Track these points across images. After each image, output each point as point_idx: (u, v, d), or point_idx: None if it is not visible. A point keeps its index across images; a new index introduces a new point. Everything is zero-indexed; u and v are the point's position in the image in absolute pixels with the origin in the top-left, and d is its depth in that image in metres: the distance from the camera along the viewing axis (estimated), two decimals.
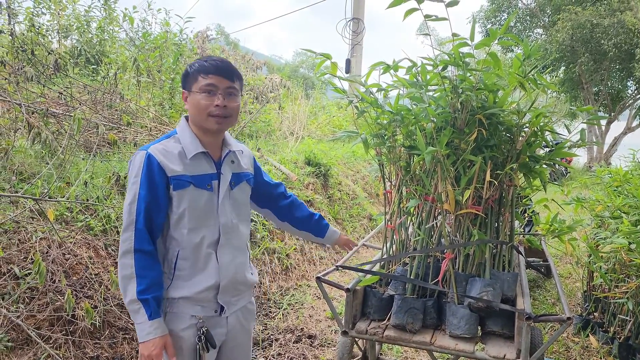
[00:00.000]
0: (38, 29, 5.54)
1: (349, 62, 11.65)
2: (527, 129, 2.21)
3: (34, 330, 2.55)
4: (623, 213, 3.35)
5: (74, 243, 3.04)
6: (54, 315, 2.69)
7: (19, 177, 3.37)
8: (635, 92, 15.86)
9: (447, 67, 2.17)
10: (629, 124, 15.92)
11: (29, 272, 2.70)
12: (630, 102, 16.04)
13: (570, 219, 2.94)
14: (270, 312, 4.02)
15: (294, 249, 4.92)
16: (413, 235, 2.38)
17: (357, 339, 2.65)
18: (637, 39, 12.99)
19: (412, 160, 2.39)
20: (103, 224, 3.30)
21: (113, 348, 2.86)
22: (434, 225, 2.30)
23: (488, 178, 2.12)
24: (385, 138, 2.38)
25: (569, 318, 1.81)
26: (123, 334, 2.93)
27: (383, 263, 2.44)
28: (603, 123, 16.02)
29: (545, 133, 2.25)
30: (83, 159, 4.02)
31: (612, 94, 16.02)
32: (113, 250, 3.23)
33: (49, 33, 6.60)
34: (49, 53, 5.12)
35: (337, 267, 2.38)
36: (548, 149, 2.34)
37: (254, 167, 1.91)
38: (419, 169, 2.34)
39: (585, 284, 4.03)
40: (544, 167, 2.29)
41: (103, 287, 2.97)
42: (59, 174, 3.39)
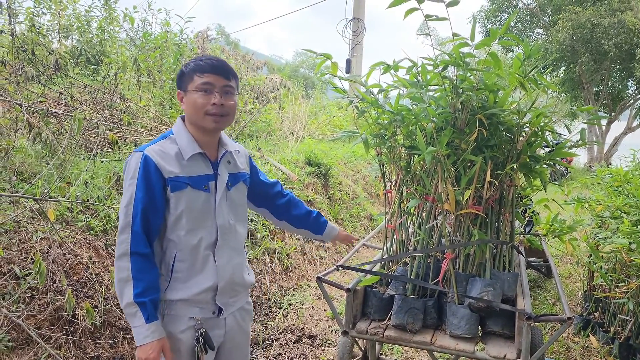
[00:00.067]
0: (38, 29, 5.54)
1: (350, 62, 11.65)
2: (527, 129, 2.21)
3: (35, 330, 2.55)
4: (623, 213, 3.35)
5: (75, 243, 3.04)
6: (55, 315, 2.70)
7: (20, 177, 3.38)
8: (636, 92, 15.86)
9: (447, 67, 2.17)
10: (630, 124, 15.91)
11: (30, 272, 2.70)
12: (631, 102, 16.03)
13: (571, 219, 2.94)
14: (271, 312, 4.02)
15: (295, 249, 4.93)
16: (413, 235, 2.38)
17: (357, 339, 2.65)
18: (637, 39, 12.98)
19: (412, 160, 2.39)
20: (103, 224, 3.30)
21: (113, 348, 2.86)
22: (435, 225, 2.30)
23: (488, 178, 2.12)
24: (386, 138, 2.38)
25: (570, 318, 1.81)
26: (123, 334, 2.94)
27: (383, 263, 2.44)
28: (603, 123, 16.02)
29: (546, 133, 2.25)
30: (83, 159, 4.02)
31: (612, 94, 16.02)
32: (113, 250, 3.23)
33: (50, 33, 6.61)
34: (50, 53, 5.12)
35: (337, 267, 2.38)
36: (548, 149, 2.34)
37: (250, 166, 1.90)
38: (420, 169, 2.34)
39: (586, 284, 4.03)
40: (545, 167, 2.29)
41: (103, 287, 2.97)
42: (60, 174, 3.40)
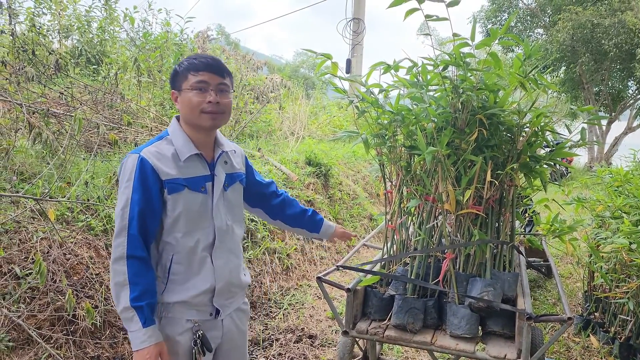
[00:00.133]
0: (39, 29, 5.54)
1: (350, 62, 11.65)
2: (527, 129, 2.21)
3: (35, 330, 2.55)
4: (624, 213, 3.35)
5: (75, 243, 3.04)
6: (55, 315, 2.70)
7: (20, 177, 3.38)
8: (636, 92, 15.85)
9: (447, 67, 2.17)
10: (630, 124, 15.91)
11: (30, 272, 2.70)
12: (631, 102, 16.03)
13: (571, 219, 2.94)
14: (271, 312, 4.02)
15: (295, 249, 4.93)
16: (414, 235, 2.38)
17: (357, 339, 2.65)
18: (637, 39, 12.97)
19: (412, 160, 2.39)
20: (104, 224, 3.30)
21: (114, 348, 2.86)
22: (435, 225, 2.30)
23: (489, 178, 2.12)
24: (386, 138, 2.38)
25: (570, 318, 1.80)
26: (124, 334, 2.94)
27: (384, 263, 2.44)
28: (604, 123, 16.02)
29: (546, 133, 2.25)
30: (84, 159, 4.03)
31: (612, 94, 16.01)
32: None
33: (50, 33, 6.61)
34: (50, 53, 5.13)
35: (337, 267, 2.38)
36: (549, 149, 2.34)
37: (246, 166, 1.89)
38: (420, 169, 2.34)
39: (586, 284, 4.03)
40: (545, 167, 2.29)
41: (104, 287, 2.97)
42: (60, 174, 3.40)
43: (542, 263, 4.72)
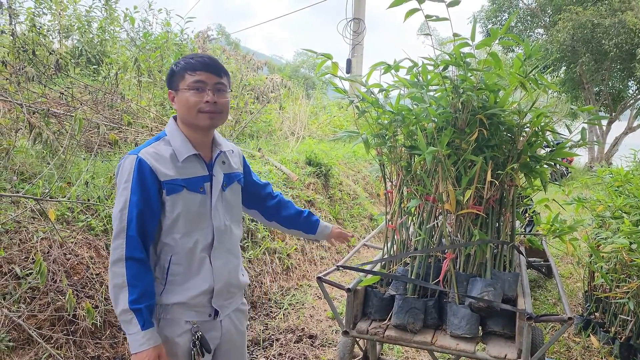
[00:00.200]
0: (39, 29, 5.54)
1: (350, 62, 11.64)
2: (528, 129, 2.21)
3: (35, 330, 2.55)
4: (624, 213, 3.35)
5: (75, 243, 3.04)
6: (55, 315, 2.70)
7: (20, 177, 3.38)
8: (637, 92, 15.85)
9: (448, 67, 2.17)
10: (630, 124, 15.91)
11: (30, 272, 2.70)
12: (632, 102, 16.03)
13: (571, 219, 2.94)
14: (271, 312, 4.02)
15: (295, 249, 4.93)
16: (414, 235, 2.38)
17: (358, 339, 2.65)
18: (638, 39, 12.97)
19: (413, 160, 2.39)
20: (104, 224, 3.30)
21: (114, 348, 2.86)
22: (435, 225, 2.30)
23: (489, 178, 2.12)
24: (386, 138, 2.38)
25: (570, 318, 1.80)
26: (124, 334, 2.94)
27: (384, 263, 2.45)
28: (604, 123, 16.02)
29: (546, 133, 2.25)
30: (84, 159, 4.03)
31: (613, 94, 16.01)
32: None
33: (50, 33, 6.61)
34: (50, 53, 5.13)
35: (338, 267, 2.38)
36: (549, 149, 2.34)
37: (244, 165, 1.88)
38: (420, 169, 2.34)
39: (586, 284, 4.03)
40: (545, 167, 2.29)
41: (104, 287, 2.97)
42: (60, 174, 3.40)
43: (542, 263, 4.72)
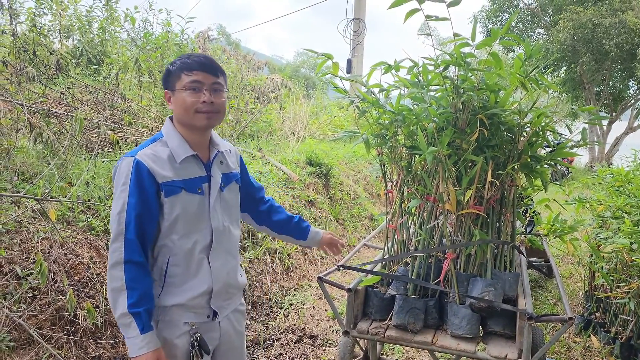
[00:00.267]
0: (40, 30, 5.54)
1: (350, 62, 11.64)
2: (528, 129, 2.21)
3: (36, 330, 2.55)
4: (625, 213, 3.35)
5: (76, 243, 3.05)
6: (56, 315, 2.70)
7: (21, 177, 3.38)
8: (637, 92, 15.84)
9: (448, 67, 2.17)
10: (631, 124, 15.90)
11: (31, 272, 2.71)
12: (632, 102, 16.01)
13: (572, 219, 2.94)
14: (272, 312, 4.02)
15: (295, 249, 4.93)
16: (414, 235, 2.38)
17: (358, 339, 2.65)
18: (638, 39, 12.96)
19: (413, 160, 2.39)
20: (105, 224, 3.30)
21: (115, 348, 2.86)
22: (436, 225, 2.30)
23: (489, 178, 2.12)
24: (387, 138, 2.38)
25: (571, 318, 1.80)
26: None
27: (384, 263, 2.45)
28: (604, 123, 16.00)
29: (547, 133, 2.25)
30: (85, 159, 4.03)
31: (613, 94, 16.00)
32: None
33: (51, 33, 6.61)
34: (51, 53, 5.13)
35: (338, 267, 2.39)
36: (549, 149, 2.34)
37: (240, 165, 1.86)
38: (421, 169, 2.34)
39: (587, 284, 4.03)
40: (546, 167, 2.29)
41: (105, 287, 2.97)
42: (61, 174, 3.40)
43: (543, 263, 4.72)
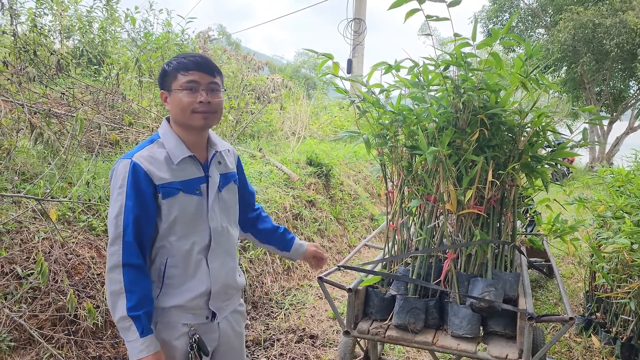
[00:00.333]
0: (40, 30, 5.54)
1: (351, 62, 11.65)
2: (529, 129, 2.21)
3: (37, 330, 2.55)
4: (625, 213, 3.34)
5: (76, 243, 3.05)
6: (56, 315, 2.70)
7: (22, 177, 3.38)
8: (638, 91, 15.83)
9: (448, 67, 2.17)
10: (631, 124, 15.88)
11: (32, 272, 2.71)
12: (633, 102, 16.00)
13: (573, 219, 2.94)
14: (272, 312, 4.02)
15: None
16: (415, 235, 2.38)
17: (359, 339, 2.65)
18: (639, 39, 12.95)
19: (414, 160, 2.39)
20: (105, 224, 3.30)
21: (115, 348, 2.86)
22: (436, 225, 2.30)
23: (490, 178, 2.12)
24: (387, 138, 2.38)
25: (571, 318, 1.80)
26: None
27: (385, 263, 2.45)
28: (605, 123, 15.98)
29: (547, 133, 2.25)
30: (85, 159, 4.03)
31: (614, 94, 15.99)
32: None
33: (51, 33, 6.61)
34: (51, 53, 5.13)
35: (339, 267, 2.39)
36: (550, 149, 2.34)
37: (237, 165, 1.85)
38: (421, 169, 2.34)
39: (588, 284, 4.03)
40: (546, 167, 2.29)
41: (105, 287, 2.97)
42: (61, 174, 3.40)
43: (543, 263, 4.71)
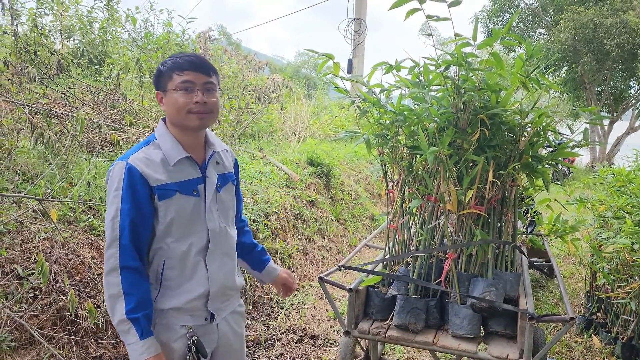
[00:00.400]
0: (41, 30, 5.55)
1: (351, 62, 11.65)
2: (529, 129, 2.21)
3: (37, 330, 2.56)
4: (626, 213, 3.34)
5: (77, 243, 3.05)
6: (57, 315, 2.70)
7: (22, 177, 3.39)
8: (638, 91, 15.81)
9: (449, 67, 2.17)
10: (632, 124, 15.88)
11: (32, 272, 2.71)
12: (633, 102, 15.99)
13: (573, 219, 2.94)
14: (273, 312, 4.02)
15: (297, 249, 4.93)
16: (415, 235, 2.38)
17: (359, 339, 2.65)
18: (639, 39, 12.95)
19: (414, 160, 2.39)
20: None
21: (116, 348, 2.86)
22: (437, 225, 2.30)
23: (491, 178, 2.12)
24: (388, 138, 2.38)
25: (572, 318, 1.80)
26: None
27: (385, 263, 2.45)
28: (606, 123, 15.96)
29: (548, 133, 2.25)
30: (86, 159, 4.03)
31: (614, 94, 15.98)
32: None
33: (52, 34, 6.62)
34: (52, 54, 5.13)
35: (339, 267, 2.39)
36: (551, 149, 2.34)
37: (234, 167, 1.83)
38: (422, 169, 2.34)
39: (588, 284, 4.02)
40: (547, 167, 2.29)
41: None
42: (62, 174, 3.40)
43: (544, 263, 4.71)
